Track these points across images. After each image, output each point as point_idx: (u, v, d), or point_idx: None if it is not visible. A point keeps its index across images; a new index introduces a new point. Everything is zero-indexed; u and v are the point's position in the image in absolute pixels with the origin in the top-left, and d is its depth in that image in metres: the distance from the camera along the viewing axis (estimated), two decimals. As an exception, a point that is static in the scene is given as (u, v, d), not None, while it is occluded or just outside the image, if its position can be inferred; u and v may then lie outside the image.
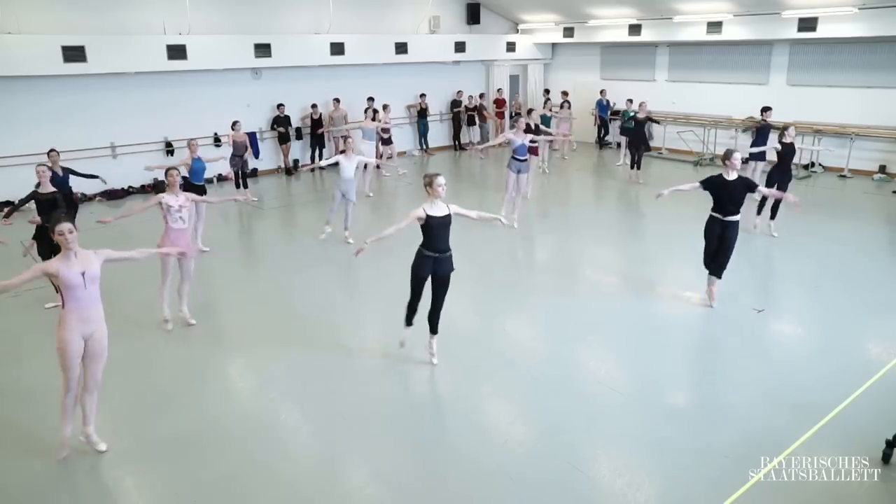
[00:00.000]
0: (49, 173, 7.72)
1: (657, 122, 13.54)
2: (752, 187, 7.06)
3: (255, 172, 14.43)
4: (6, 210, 8.56)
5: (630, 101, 15.71)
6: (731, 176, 6.86)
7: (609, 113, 17.55)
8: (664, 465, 4.67)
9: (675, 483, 4.47)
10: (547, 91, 18.60)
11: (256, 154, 14.22)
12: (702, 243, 7.19)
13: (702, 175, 7.99)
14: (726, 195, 6.85)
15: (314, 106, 15.18)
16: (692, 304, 7.45)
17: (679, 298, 7.68)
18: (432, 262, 5.70)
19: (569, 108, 15.51)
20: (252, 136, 12.99)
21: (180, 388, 5.87)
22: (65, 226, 4.45)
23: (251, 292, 8.19)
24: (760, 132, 11.42)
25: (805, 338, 6.80)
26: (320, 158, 15.73)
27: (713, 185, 6.93)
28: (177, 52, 12.92)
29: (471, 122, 18.26)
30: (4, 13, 11.36)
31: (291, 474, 4.66)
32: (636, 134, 13.58)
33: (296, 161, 15.76)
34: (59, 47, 11.70)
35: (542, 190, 13.26)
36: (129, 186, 13.64)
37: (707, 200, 7.16)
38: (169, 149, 13.87)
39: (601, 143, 18.13)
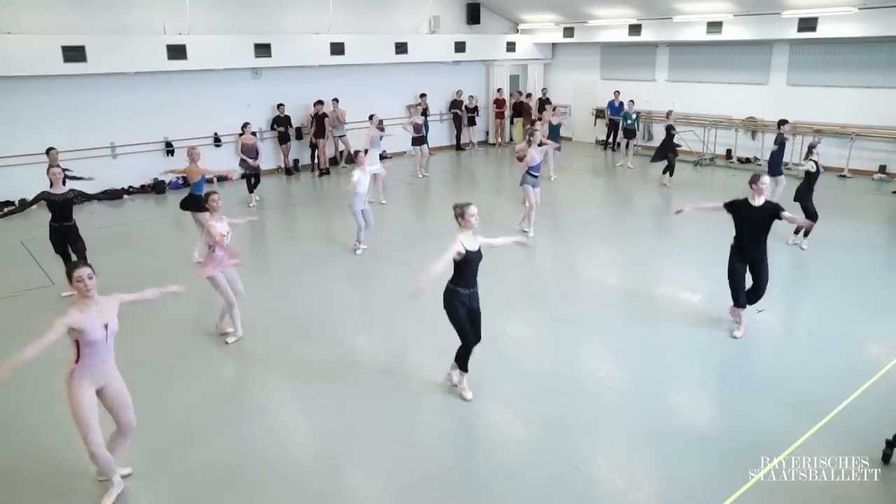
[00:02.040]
0: (62, 174, 7.72)
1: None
2: (778, 214, 6.20)
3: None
4: (6, 210, 8.56)
5: (632, 101, 15.66)
6: (758, 202, 6.20)
7: (621, 115, 17.26)
8: (664, 465, 4.67)
9: (675, 483, 4.48)
10: (529, 95, 18.17)
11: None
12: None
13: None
14: (751, 222, 6.24)
15: (319, 103, 14.98)
16: (693, 305, 7.45)
17: (679, 299, 7.70)
18: (467, 299, 5.20)
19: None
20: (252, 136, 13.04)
21: (179, 388, 5.88)
22: (84, 271, 3.99)
23: (252, 293, 8.16)
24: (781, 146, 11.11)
25: (805, 338, 6.81)
26: (320, 158, 15.76)
27: (737, 208, 6.31)
28: (177, 52, 12.92)
29: (471, 122, 18.25)
30: (4, 13, 11.36)
31: (291, 474, 4.66)
32: (666, 139, 13.37)
33: (296, 161, 15.77)
34: (59, 47, 11.70)
35: (542, 191, 13.21)
36: (129, 186, 13.65)
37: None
38: (169, 149, 13.88)
39: (606, 144, 17.98)
